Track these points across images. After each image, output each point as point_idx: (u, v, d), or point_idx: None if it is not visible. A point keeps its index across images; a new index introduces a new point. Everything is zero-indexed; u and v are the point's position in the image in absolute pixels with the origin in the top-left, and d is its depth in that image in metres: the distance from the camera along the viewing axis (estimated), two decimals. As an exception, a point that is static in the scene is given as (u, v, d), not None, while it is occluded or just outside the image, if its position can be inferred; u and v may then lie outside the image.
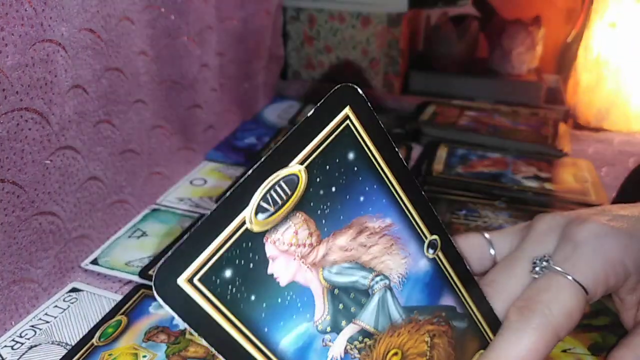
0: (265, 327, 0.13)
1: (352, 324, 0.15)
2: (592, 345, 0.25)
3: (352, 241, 0.15)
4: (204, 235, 0.12)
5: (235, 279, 0.13)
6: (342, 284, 0.15)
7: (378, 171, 0.15)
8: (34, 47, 0.25)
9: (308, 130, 0.14)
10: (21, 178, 0.26)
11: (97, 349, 0.25)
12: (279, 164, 0.13)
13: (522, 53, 0.60)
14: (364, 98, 0.14)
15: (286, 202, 0.13)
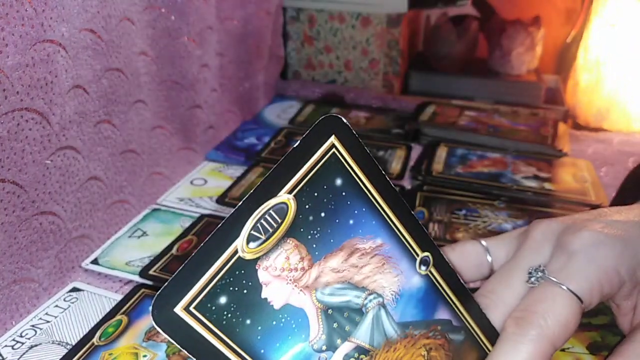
0: (261, 349, 0.14)
1: (348, 341, 0.15)
2: (591, 344, 0.25)
3: (343, 263, 0.15)
4: (198, 264, 0.13)
5: (230, 304, 0.13)
6: (335, 304, 0.15)
7: (366, 194, 0.15)
8: (34, 47, 0.25)
9: (295, 160, 0.14)
10: (22, 178, 0.26)
11: (97, 348, 0.25)
12: (268, 194, 0.14)
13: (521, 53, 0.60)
14: (348, 126, 0.15)
15: (276, 230, 0.14)
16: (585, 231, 0.17)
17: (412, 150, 0.46)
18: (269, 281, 0.14)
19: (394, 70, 0.59)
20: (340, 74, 0.61)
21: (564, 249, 0.17)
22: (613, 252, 0.17)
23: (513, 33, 0.60)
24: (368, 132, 0.50)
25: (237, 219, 0.13)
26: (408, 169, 0.43)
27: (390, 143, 0.47)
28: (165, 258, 0.31)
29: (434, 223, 0.35)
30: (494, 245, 0.20)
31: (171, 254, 0.32)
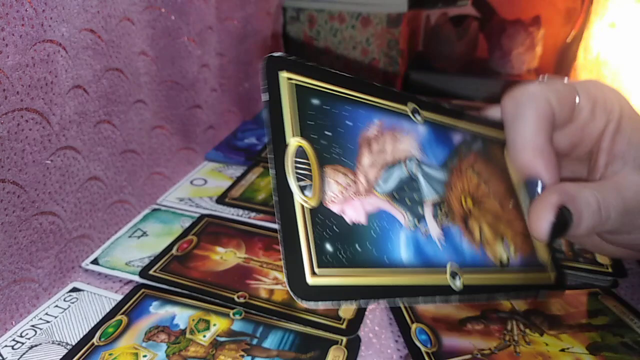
0: (384, 257, 0.16)
1: (425, 206, 0.18)
2: (591, 344, 0.25)
3: (370, 155, 0.17)
4: (290, 239, 0.14)
5: (335, 246, 0.15)
6: (394, 187, 0.17)
7: (340, 96, 0.17)
8: (34, 48, 0.25)
9: (274, 111, 0.15)
10: (22, 178, 0.26)
11: (97, 348, 0.25)
12: (281, 150, 0.15)
13: (521, 53, 0.60)
14: (284, 57, 0.16)
15: (310, 169, 0.15)
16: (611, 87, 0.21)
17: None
18: (342, 209, 0.15)
19: (394, 70, 0.59)
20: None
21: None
22: (619, 96, 0.20)
23: (513, 33, 0.60)
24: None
25: (281, 184, 0.15)
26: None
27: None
28: (166, 258, 0.31)
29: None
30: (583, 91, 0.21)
31: (171, 254, 0.32)
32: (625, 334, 0.25)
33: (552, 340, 0.25)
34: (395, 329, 0.27)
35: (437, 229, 0.18)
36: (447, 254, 0.17)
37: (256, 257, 0.32)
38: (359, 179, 0.16)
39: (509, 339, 0.25)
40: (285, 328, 0.26)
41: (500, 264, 0.19)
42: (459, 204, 0.19)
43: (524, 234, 0.20)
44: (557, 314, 0.27)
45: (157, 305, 0.28)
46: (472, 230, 0.19)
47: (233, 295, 0.28)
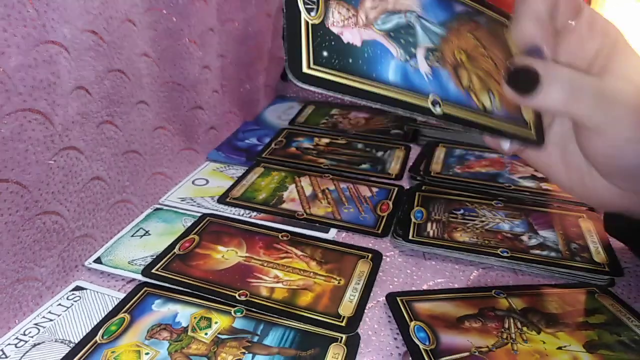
0: (372, 74, 0.18)
1: (418, 48, 0.20)
2: (588, 342, 0.25)
3: (374, 1, 0.19)
4: (293, 40, 0.17)
5: (331, 54, 0.18)
6: (391, 28, 0.19)
7: None
8: (37, 49, 0.25)
9: None
10: (25, 178, 0.26)
11: (100, 346, 0.25)
12: None
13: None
14: None
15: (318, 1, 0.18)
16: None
17: (411, 151, 0.46)
18: (340, 31, 0.18)
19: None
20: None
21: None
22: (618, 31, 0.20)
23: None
24: (367, 133, 0.50)
25: (291, 5, 0.17)
26: (407, 169, 0.43)
27: (390, 143, 0.48)
28: (168, 257, 0.32)
29: (432, 222, 0.35)
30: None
31: (173, 252, 0.32)
32: (622, 332, 0.26)
33: (550, 339, 0.25)
34: (394, 326, 0.27)
35: (426, 66, 0.20)
36: (432, 86, 0.19)
37: (257, 256, 0.32)
38: (359, 15, 0.19)
39: (506, 337, 0.25)
40: (286, 326, 0.26)
41: (483, 108, 0.21)
42: (452, 55, 0.21)
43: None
44: (555, 313, 0.27)
45: (159, 304, 0.28)
46: (460, 76, 0.20)
47: (234, 293, 0.28)
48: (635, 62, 0.20)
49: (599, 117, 0.19)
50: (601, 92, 0.19)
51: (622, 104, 0.19)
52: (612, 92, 0.19)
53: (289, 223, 0.36)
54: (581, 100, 0.19)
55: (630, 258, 0.33)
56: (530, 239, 0.34)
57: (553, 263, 0.31)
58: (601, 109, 0.19)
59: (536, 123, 0.22)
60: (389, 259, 0.32)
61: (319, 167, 0.43)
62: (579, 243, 0.34)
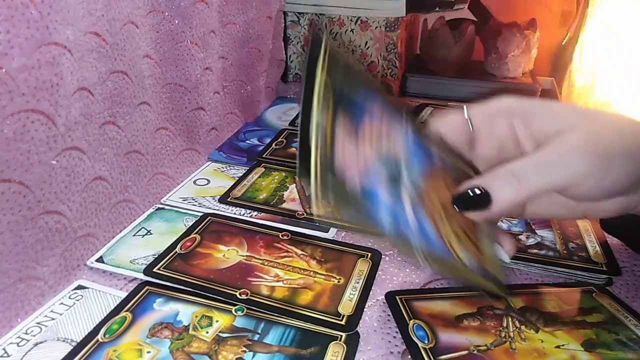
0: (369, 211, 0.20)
1: (404, 199, 0.21)
2: (586, 341, 0.25)
3: (371, 131, 0.21)
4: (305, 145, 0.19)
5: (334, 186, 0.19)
6: (384, 172, 0.21)
7: (356, 72, 0.22)
8: (39, 50, 0.25)
9: (313, 56, 0.20)
10: (28, 178, 0.26)
11: (102, 345, 0.25)
12: (312, 79, 0.20)
13: (517, 56, 0.61)
14: (327, 39, 0.21)
15: (329, 99, 0.20)
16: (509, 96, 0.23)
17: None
18: (343, 162, 0.20)
19: (392, 73, 0.60)
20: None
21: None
22: (510, 99, 0.23)
23: (509, 36, 0.61)
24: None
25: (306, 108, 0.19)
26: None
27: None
28: (170, 256, 0.32)
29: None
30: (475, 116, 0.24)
31: (175, 252, 0.32)
32: (619, 331, 0.26)
33: (548, 337, 0.26)
34: (393, 325, 0.27)
35: (412, 217, 0.21)
36: (419, 239, 0.21)
37: (258, 255, 0.32)
38: (359, 142, 0.20)
39: (504, 335, 0.26)
40: (286, 324, 0.27)
41: (462, 263, 0.22)
42: (430, 210, 0.22)
43: (479, 247, 0.23)
44: (553, 312, 0.27)
45: (161, 302, 0.28)
46: (440, 230, 0.22)
47: (235, 292, 0.29)
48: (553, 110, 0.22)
49: (558, 181, 0.20)
50: (543, 161, 0.21)
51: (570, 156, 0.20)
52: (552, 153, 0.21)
53: (290, 222, 0.36)
54: (530, 180, 0.20)
55: (627, 257, 0.33)
56: (528, 238, 0.34)
57: (551, 262, 0.31)
58: (554, 175, 0.20)
59: (498, 276, 0.23)
60: (388, 258, 0.33)
61: (319, 168, 0.43)
62: (576, 242, 0.34)
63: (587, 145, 0.20)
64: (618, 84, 0.55)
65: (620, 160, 0.20)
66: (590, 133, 0.20)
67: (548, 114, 0.22)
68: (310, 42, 0.20)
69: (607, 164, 0.20)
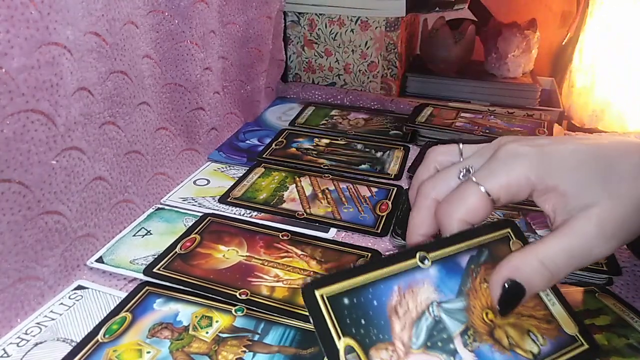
0: None
1: (455, 339, 0.20)
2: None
3: (399, 321, 0.20)
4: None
5: None
6: (425, 338, 0.20)
7: (360, 286, 0.21)
8: (39, 50, 0.25)
9: (322, 326, 0.19)
10: (27, 178, 0.26)
11: (101, 345, 0.25)
12: (335, 355, 0.18)
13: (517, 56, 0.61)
14: (314, 280, 0.20)
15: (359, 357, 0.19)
16: (510, 145, 0.22)
17: (410, 151, 0.47)
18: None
19: (392, 73, 0.60)
20: (340, 76, 0.61)
21: (492, 157, 0.22)
22: (526, 161, 0.21)
23: (509, 36, 0.61)
24: (367, 133, 0.50)
25: None
26: (406, 170, 0.44)
27: (389, 144, 0.48)
28: (169, 256, 0.32)
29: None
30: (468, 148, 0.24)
31: (175, 252, 0.32)
32: (629, 334, 0.26)
33: None
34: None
35: (469, 356, 0.20)
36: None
37: (257, 255, 0.32)
38: (397, 347, 0.19)
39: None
40: (286, 324, 0.27)
41: (533, 357, 0.21)
42: (482, 322, 0.21)
43: (547, 318, 0.22)
44: None
45: (160, 303, 0.28)
46: (500, 340, 0.21)
47: (235, 292, 0.29)
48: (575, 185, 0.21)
49: (581, 266, 0.20)
50: (570, 253, 0.20)
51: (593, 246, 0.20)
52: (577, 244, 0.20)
53: (289, 223, 0.36)
54: (558, 271, 0.20)
55: (627, 257, 0.33)
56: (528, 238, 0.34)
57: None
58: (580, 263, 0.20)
59: (581, 331, 0.22)
60: (388, 259, 0.33)
61: (319, 168, 0.43)
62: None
63: (609, 230, 0.20)
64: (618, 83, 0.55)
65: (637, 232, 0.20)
66: (613, 214, 0.20)
67: (569, 185, 0.20)
68: (308, 308, 0.19)
69: (627, 239, 0.20)
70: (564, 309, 0.22)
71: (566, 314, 0.22)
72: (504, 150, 0.22)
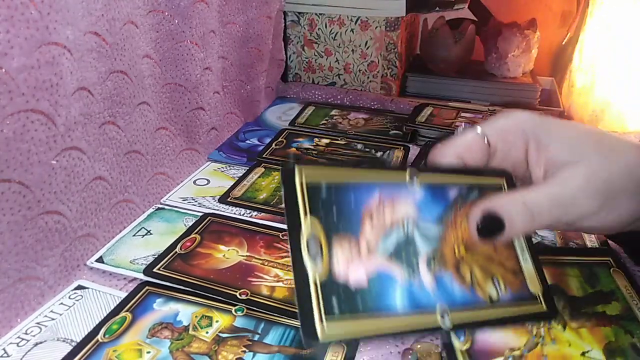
0: (381, 309, 0.19)
1: (420, 258, 0.21)
2: (607, 346, 0.25)
3: (371, 224, 0.20)
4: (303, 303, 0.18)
5: (340, 305, 0.18)
6: (392, 248, 0.20)
7: (344, 180, 0.21)
8: (39, 50, 0.25)
9: (292, 203, 0.19)
10: (27, 178, 0.26)
11: (102, 345, 0.25)
12: (296, 229, 0.18)
13: (517, 56, 0.61)
14: (296, 161, 0.20)
15: (321, 244, 0.19)
16: (525, 112, 0.24)
17: (410, 151, 0.47)
18: (346, 274, 0.18)
19: (392, 72, 0.60)
20: (340, 76, 0.61)
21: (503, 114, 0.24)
22: (525, 116, 0.23)
23: (509, 36, 0.61)
24: (367, 133, 0.50)
25: (297, 259, 0.18)
26: (407, 170, 0.44)
27: (389, 144, 0.48)
28: (169, 256, 0.32)
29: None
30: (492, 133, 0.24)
31: (175, 252, 0.32)
32: (634, 330, 0.26)
33: (574, 338, 0.26)
34: (394, 325, 0.27)
35: (429, 278, 0.20)
36: (438, 297, 0.20)
37: (258, 255, 0.32)
38: (361, 245, 0.19)
39: (536, 334, 0.26)
40: (286, 324, 0.27)
41: (490, 300, 0.21)
42: (451, 254, 0.21)
43: (515, 270, 0.23)
44: (577, 296, 0.28)
45: (160, 302, 0.28)
46: (463, 274, 0.21)
47: (235, 292, 0.29)
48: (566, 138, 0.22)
49: (567, 219, 0.21)
50: (556, 200, 0.21)
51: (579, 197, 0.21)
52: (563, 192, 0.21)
53: (290, 223, 0.36)
54: (544, 216, 0.21)
55: (627, 257, 0.33)
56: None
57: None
58: (564, 213, 0.21)
59: (545, 294, 0.23)
60: (389, 258, 0.33)
61: (319, 168, 0.43)
62: (577, 242, 0.34)
63: (595, 185, 0.20)
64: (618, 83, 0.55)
65: (625, 201, 0.21)
66: (601, 171, 0.21)
67: (560, 142, 0.22)
68: (283, 184, 0.19)
69: (613, 203, 0.21)
70: (534, 269, 0.23)
71: (535, 273, 0.23)
72: (515, 112, 0.24)
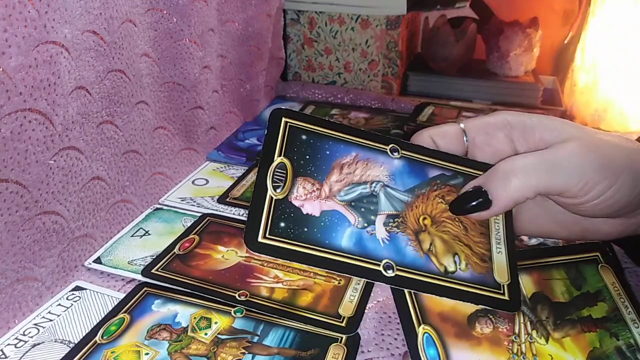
0: (326, 241, 0.21)
1: (379, 215, 0.22)
2: (590, 353, 0.25)
3: (340, 175, 0.22)
4: (255, 213, 0.20)
5: (288, 225, 0.20)
6: (353, 198, 0.22)
7: (323, 134, 0.22)
8: (37, 49, 0.25)
9: (271, 141, 0.22)
10: (25, 178, 0.26)
11: (99, 346, 0.25)
12: (268, 162, 0.21)
13: (519, 55, 0.61)
14: (289, 109, 0.22)
15: (286, 177, 0.21)
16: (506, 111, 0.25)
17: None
18: (302, 204, 0.21)
19: (393, 71, 0.60)
20: (340, 75, 0.61)
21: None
22: (508, 113, 0.24)
23: (511, 35, 0.60)
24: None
25: (260, 182, 0.21)
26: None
27: (390, 143, 0.48)
28: (168, 257, 0.32)
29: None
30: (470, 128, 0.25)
31: (173, 252, 0.32)
32: (620, 332, 0.25)
33: (557, 350, 0.25)
34: (394, 326, 0.27)
35: (384, 232, 0.21)
36: (387, 251, 0.21)
37: (257, 256, 0.32)
38: (323, 188, 0.21)
39: (517, 351, 0.25)
40: (286, 326, 0.26)
41: (444, 271, 0.22)
42: (414, 221, 0.22)
43: (483, 257, 0.23)
44: (561, 302, 0.27)
45: (159, 304, 0.28)
46: (421, 241, 0.22)
47: (234, 293, 0.28)
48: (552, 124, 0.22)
49: (560, 183, 0.21)
50: (545, 160, 0.21)
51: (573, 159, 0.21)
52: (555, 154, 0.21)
53: (289, 223, 0.36)
54: (532, 177, 0.21)
55: (628, 257, 0.33)
56: (530, 238, 0.34)
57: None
58: (556, 175, 0.21)
59: (511, 287, 0.23)
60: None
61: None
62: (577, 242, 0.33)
63: (589, 152, 0.20)
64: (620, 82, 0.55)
65: (623, 174, 0.20)
66: (592, 144, 0.21)
67: (548, 128, 0.22)
68: (268, 125, 0.21)
69: (610, 174, 0.20)
70: (507, 262, 0.23)
71: (506, 266, 0.23)
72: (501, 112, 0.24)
